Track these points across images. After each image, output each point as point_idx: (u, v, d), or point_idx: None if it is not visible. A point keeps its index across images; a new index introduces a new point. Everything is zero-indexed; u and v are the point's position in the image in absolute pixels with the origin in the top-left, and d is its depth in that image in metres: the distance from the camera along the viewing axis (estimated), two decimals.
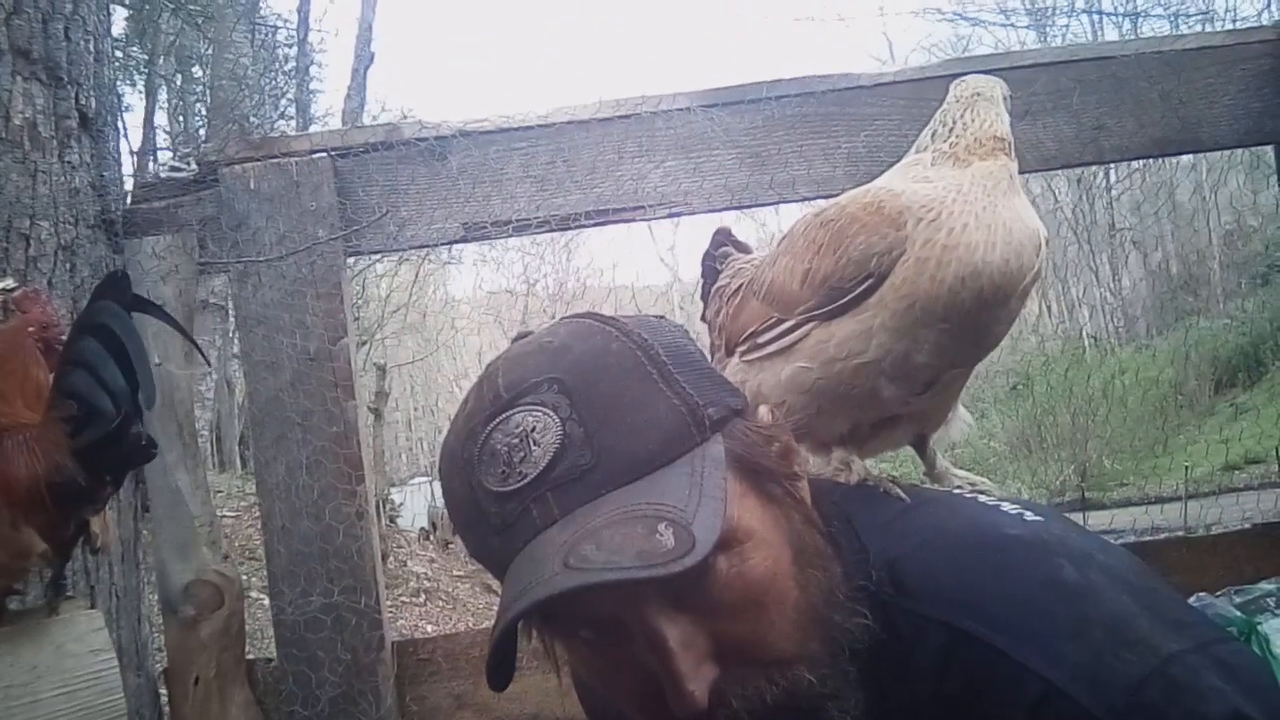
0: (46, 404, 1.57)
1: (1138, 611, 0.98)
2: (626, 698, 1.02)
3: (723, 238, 1.76)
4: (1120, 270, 29.74)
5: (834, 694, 0.98)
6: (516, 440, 0.95)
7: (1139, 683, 0.92)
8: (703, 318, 1.71)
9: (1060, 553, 1.04)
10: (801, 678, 0.97)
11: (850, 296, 1.37)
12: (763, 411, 1.09)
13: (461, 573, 14.53)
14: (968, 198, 1.34)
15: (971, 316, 1.34)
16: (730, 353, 1.52)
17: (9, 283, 1.81)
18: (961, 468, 1.52)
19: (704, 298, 1.72)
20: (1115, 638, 0.96)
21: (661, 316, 1.13)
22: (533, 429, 0.95)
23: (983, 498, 1.24)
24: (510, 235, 2.53)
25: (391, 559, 12.24)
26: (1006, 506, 1.16)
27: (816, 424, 1.40)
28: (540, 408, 0.96)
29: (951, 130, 1.43)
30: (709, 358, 1.22)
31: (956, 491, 1.34)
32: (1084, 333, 28.13)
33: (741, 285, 1.58)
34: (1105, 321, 29.92)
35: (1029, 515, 1.12)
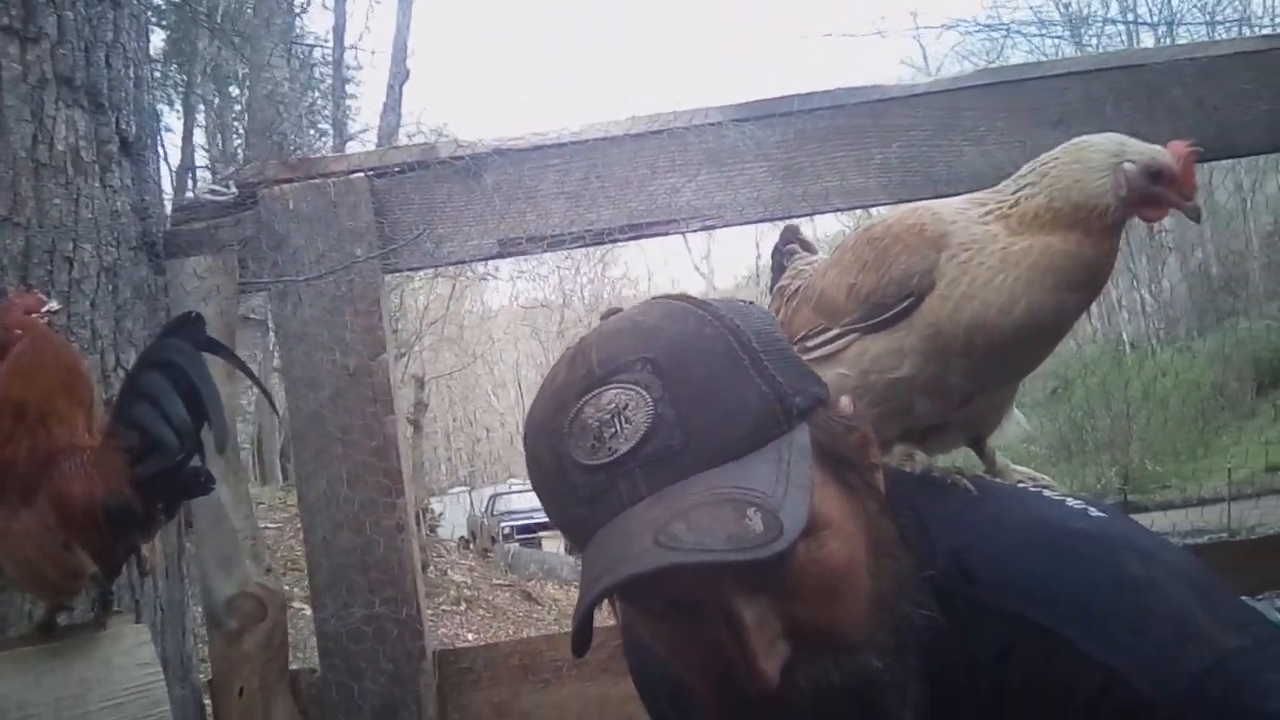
0: (105, 431, 1.60)
1: (1199, 608, 0.99)
2: (696, 672, 1.03)
3: (791, 235, 1.75)
4: (1160, 273, 29.47)
5: (896, 682, 0.99)
6: (608, 416, 0.96)
7: (1201, 676, 0.94)
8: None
9: (1125, 547, 1.06)
10: (869, 663, 0.98)
11: (890, 314, 1.37)
12: (844, 402, 1.10)
13: (501, 581, 14.59)
14: (1008, 259, 1.30)
15: (988, 357, 1.34)
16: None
17: (53, 305, 1.85)
18: None
19: (770, 291, 1.72)
20: (1178, 631, 0.97)
21: (751, 302, 1.13)
22: (625, 406, 0.96)
23: (1047, 492, 1.26)
24: (545, 250, 2.55)
25: (432, 568, 12.29)
26: (1071, 502, 1.17)
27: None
28: (633, 386, 0.97)
29: (1020, 185, 1.35)
30: None
31: (1020, 486, 1.35)
32: (1124, 336, 27.89)
33: (799, 289, 1.58)
34: (1145, 324, 29.66)
35: (1093, 511, 1.14)
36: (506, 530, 19.58)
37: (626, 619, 1.42)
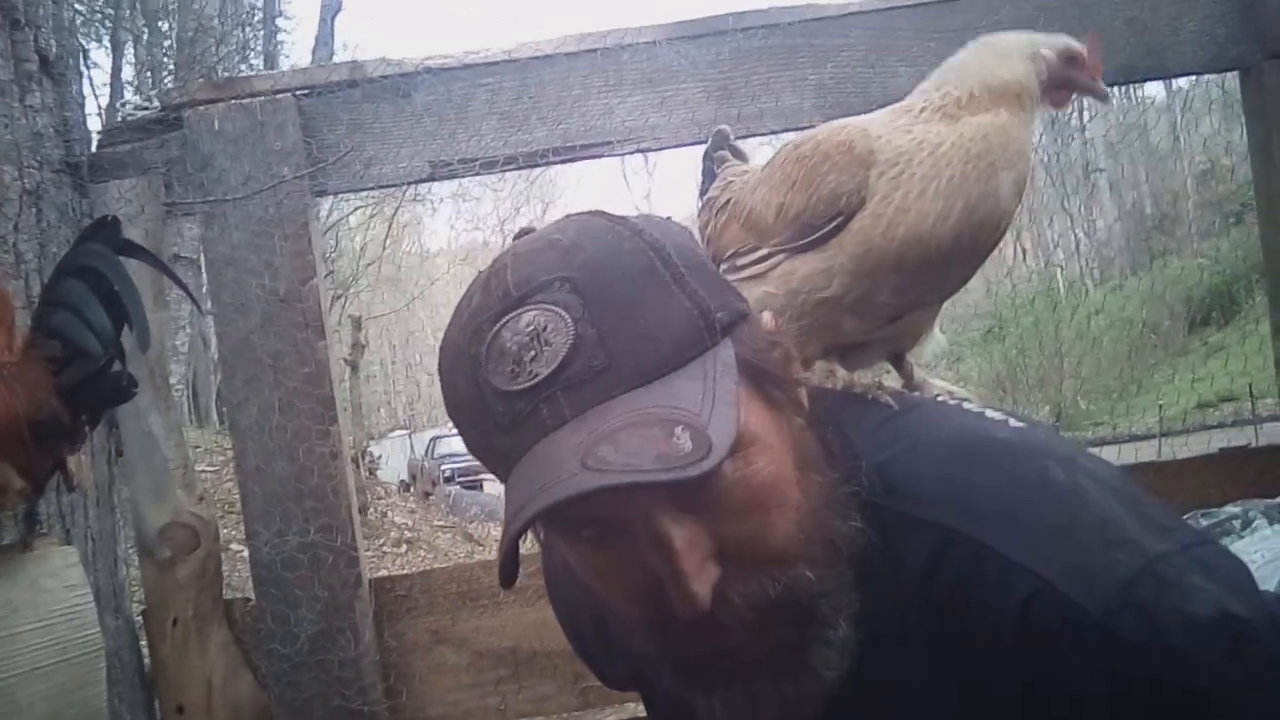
0: (26, 343, 1.57)
1: (1123, 513, 0.99)
2: (625, 597, 1.01)
3: (721, 140, 1.72)
4: (1095, 211, 29.80)
5: (829, 593, 0.99)
6: (527, 339, 0.93)
7: (1129, 581, 0.94)
8: (698, 214, 1.69)
9: (1047, 456, 1.05)
10: (801, 575, 0.97)
11: (819, 234, 1.34)
12: (766, 317, 1.08)
13: (442, 523, 14.61)
14: (939, 160, 1.29)
15: (922, 272, 1.33)
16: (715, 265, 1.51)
17: None
18: None
19: (700, 198, 1.70)
20: (1104, 537, 0.97)
21: (668, 217, 1.10)
22: (544, 328, 0.93)
23: (966, 405, 1.25)
24: (478, 173, 2.53)
25: (372, 510, 12.27)
26: (990, 413, 1.17)
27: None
28: (552, 307, 0.93)
29: (943, 81, 1.36)
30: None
31: (940, 400, 1.35)
32: (1059, 274, 28.19)
33: (728, 201, 1.55)
34: (1080, 263, 30.00)
35: (1013, 421, 1.13)
36: (447, 473, 19.60)
37: (549, 551, 1.40)
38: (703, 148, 1.73)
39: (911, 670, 1.05)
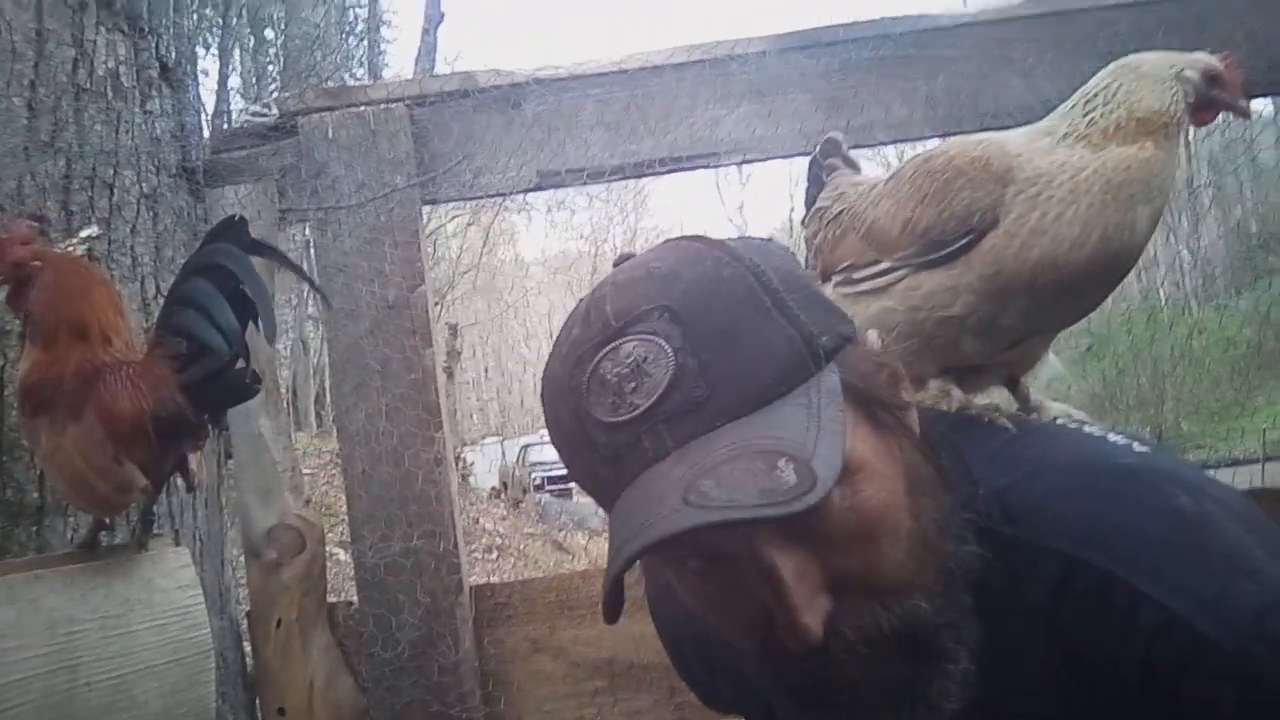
0: (152, 341, 1.61)
1: (1253, 543, 0.96)
2: (734, 626, 1.00)
3: (831, 148, 1.69)
4: (1198, 228, 29.11)
5: (949, 623, 0.96)
6: (627, 370, 0.92)
7: (1262, 613, 0.91)
8: (802, 222, 1.67)
9: (1174, 483, 1.02)
10: (917, 606, 0.94)
11: (948, 250, 1.32)
12: (872, 337, 1.06)
13: (532, 530, 14.70)
14: (1078, 187, 1.26)
15: (1052, 297, 1.30)
16: (825, 279, 1.49)
17: (93, 230, 1.85)
18: None
19: (807, 205, 1.67)
20: (1234, 567, 0.94)
21: (769, 238, 1.07)
22: (644, 359, 0.92)
23: (1086, 428, 1.21)
24: (584, 183, 2.53)
25: (464, 517, 12.37)
26: (1113, 437, 1.13)
27: (905, 361, 1.35)
28: (652, 337, 0.92)
29: (1089, 106, 1.33)
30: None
31: (1059, 423, 1.31)
32: (1160, 293, 27.58)
33: (842, 211, 1.52)
34: (1183, 280, 29.33)
35: (1137, 446, 1.10)
36: (538, 480, 19.71)
37: (651, 575, 1.38)
38: (802, 178, 1.70)
39: (1033, 701, 1.02)
